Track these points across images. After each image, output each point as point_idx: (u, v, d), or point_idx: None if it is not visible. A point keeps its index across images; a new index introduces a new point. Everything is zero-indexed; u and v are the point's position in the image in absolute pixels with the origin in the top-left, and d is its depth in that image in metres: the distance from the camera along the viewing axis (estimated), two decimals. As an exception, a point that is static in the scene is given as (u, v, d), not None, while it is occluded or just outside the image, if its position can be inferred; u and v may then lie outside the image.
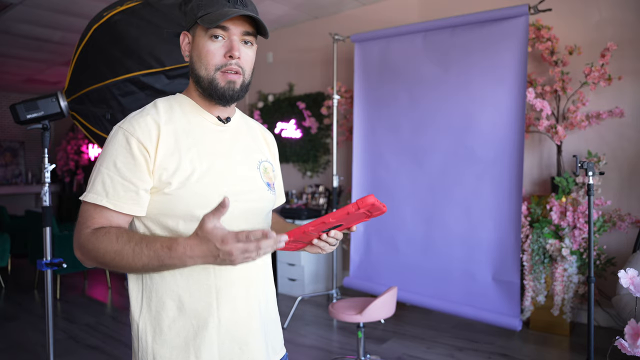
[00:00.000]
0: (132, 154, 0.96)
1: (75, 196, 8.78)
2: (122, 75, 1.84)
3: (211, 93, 1.04)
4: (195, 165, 1.00)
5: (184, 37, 1.07)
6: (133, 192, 0.97)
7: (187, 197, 0.98)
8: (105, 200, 0.96)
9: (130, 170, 0.96)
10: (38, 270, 4.21)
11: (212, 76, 1.02)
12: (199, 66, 1.03)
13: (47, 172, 2.05)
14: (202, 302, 1.01)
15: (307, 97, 5.27)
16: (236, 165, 1.07)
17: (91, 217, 0.97)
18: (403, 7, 4.47)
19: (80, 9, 4.67)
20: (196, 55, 1.03)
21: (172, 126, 1.02)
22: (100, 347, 3.31)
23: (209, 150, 1.04)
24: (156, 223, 1.00)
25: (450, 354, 3.08)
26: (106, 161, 0.98)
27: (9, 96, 9.33)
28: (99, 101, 1.90)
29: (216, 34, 1.01)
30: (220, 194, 1.00)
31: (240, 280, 1.05)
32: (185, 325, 1.00)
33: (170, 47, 1.84)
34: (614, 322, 3.42)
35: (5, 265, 5.12)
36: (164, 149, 0.98)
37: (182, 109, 1.06)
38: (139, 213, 0.98)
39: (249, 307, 1.07)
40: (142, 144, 0.97)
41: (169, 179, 0.98)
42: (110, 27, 1.86)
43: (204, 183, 1.00)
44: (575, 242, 3.15)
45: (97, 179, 0.98)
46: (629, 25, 3.39)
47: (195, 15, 1.02)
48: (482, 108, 3.35)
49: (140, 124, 0.99)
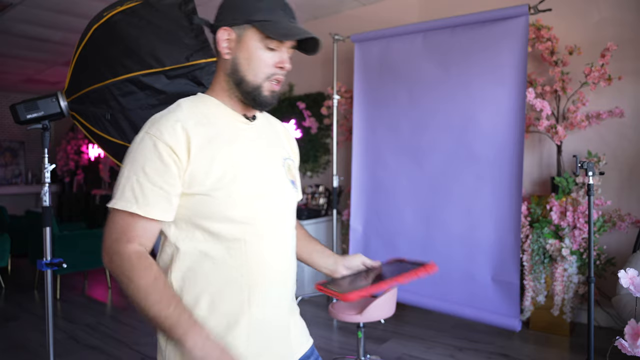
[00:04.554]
0: (162, 159, 0.95)
1: (75, 196, 8.78)
2: (122, 75, 1.84)
3: (253, 98, 1.03)
4: (226, 166, 0.99)
5: (224, 32, 1.02)
6: (163, 198, 0.96)
7: (220, 198, 0.98)
8: (135, 207, 0.95)
9: (160, 175, 0.95)
10: (38, 270, 4.21)
11: (259, 84, 1.02)
12: (247, 70, 1.02)
13: (47, 172, 2.05)
14: (235, 301, 1.01)
15: (307, 97, 5.27)
16: (264, 164, 1.07)
17: (128, 227, 0.96)
18: (403, 7, 4.47)
19: (80, 9, 4.67)
20: (245, 58, 1.01)
21: (201, 128, 1.00)
22: (100, 347, 3.31)
23: (238, 150, 1.03)
24: (190, 224, 1.00)
25: (450, 354, 3.08)
26: (135, 167, 0.96)
27: (9, 96, 9.34)
28: (99, 101, 1.90)
29: (274, 46, 1.00)
30: (252, 194, 1.01)
31: (272, 280, 1.06)
32: (215, 324, 1.00)
33: (170, 47, 1.84)
34: (614, 322, 3.41)
35: (5, 265, 5.12)
36: (194, 152, 0.97)
37: (208, 109, 1.05)
38: (169, 219, 0.98)
39: (279, 305, 1.08)
40: (171, 148, 0.95)
41: (201, 181, 0.97)
42: (110, 27, 1.86)
43: (236, 184, 0.99)
44: (575, 242, 3.15)
45: (126, 186, 0.96)
46: (629, 25, 3.39)
47: (250, 16, 0.99)
48: (482, 108, 3.35)
49: (167, 128, 0.97)
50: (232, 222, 0.99)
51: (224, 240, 1.00)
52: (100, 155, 8.41)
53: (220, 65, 1.06)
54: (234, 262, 1.01)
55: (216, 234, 0.99)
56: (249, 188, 1.01)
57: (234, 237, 1.00)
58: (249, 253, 1.01)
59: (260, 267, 1.03)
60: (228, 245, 1.00)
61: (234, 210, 0.98)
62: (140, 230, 0.96)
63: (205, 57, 1.88)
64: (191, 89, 1.91)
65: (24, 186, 9.32)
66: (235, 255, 1.00)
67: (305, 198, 5.10)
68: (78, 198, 8.68)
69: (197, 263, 1.00)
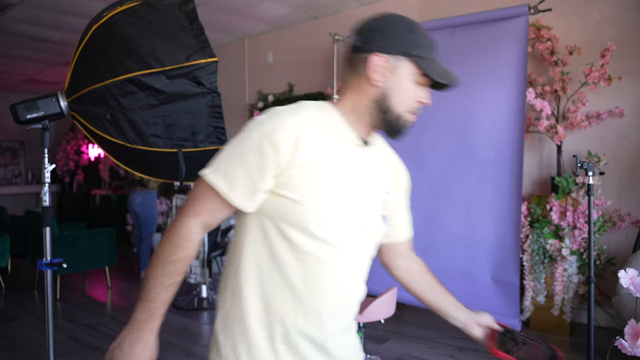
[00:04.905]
0: (262, 155, 0.94)
1: (75, 196, 8.78)
2: (122, 75, 1.84)
3: (394, 127, 1.04)
4: (324, 182, 0.98)
5: (379, 58, 0.99)
6: (249, 189, 0.96)
7: (307, 210, 0.97)
8: (222, 184, 0.96)
9: (256, 168, 0.95)
10: (38, 270, 4.21)
11: (402, 115, 1.03)
12: (395, 101, 1.01)
13: (47, 172, 2.04)
14: (288, 310, 1.00)
15: (307, 97, 5.27)
16: (361, 191, 1.05)
17: (204, 199, 0.99)
18: (403, 7, 4.47)
19: (80, 9, 4.67)
20: (396, 88, 1.01)
21: (313, 137, 0.98)
22: (100, 347, 3.31)
23: (342, 170, 1.01)
24: (271, 223, 0.99)
25: (450, 354, 3.08)
26: (237, 151, 0.97)
27: (9, 96, 9.34)
28: (99, 101, 1.90)
29: (422, 82, 1.02)
30: (339, 216, 1.00)
31: (334, 302, 1.04)
32: (268, 325, 1.01)
33: (170, 47, 1.84)
34: (614, 322, 3.41)
35: (5, 265, 5.12)
36: (298, 158, 0.96)
37: (328, 122, 1.03)
38: (249, 210, 0.99)
39: (330, 328, 1.06)
40: (276, 147, 0.94)
41: (295, 188, 0.96)
42: (110, 27, 1.86)
43: (327, 202, 0.98)
44: (575, 242, 3.15)
45: (222, 164, 0.98)
46: (629, 25, 3.39)
47: (408, 49, 0.99)
48: (482, 108, 3.35)
49: (281, 127, 0.96)
50: (312, 236, 0.98)
51: (299, 250, 0.99)
52: (100, 155, 8.41)
53: (363, 88, 1.03)
54: (301, 273, 1.00)
55: (293, 241, 0.99)
56: (339, 210, 1.00)
57: (309, 251, 0.99)
58: (319, 271, 1.01)
59: (326, 288, 1.02)
60: (301, 257, 1.00)
61: (317, 227, 0.98)
62: (212, 208, 0.99)
63: (205, 57, 1.88)
64: (191, 89, 1.91)
65: (24, 186, 9.32)
66: (304, 267, 1.00)
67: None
68: (78, 198, 8.68)
69: (267, 261, 1.01)
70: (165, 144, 1.97)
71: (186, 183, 2.11)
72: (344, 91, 1.07)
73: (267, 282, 1.01)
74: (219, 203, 0.98)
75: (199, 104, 1.95)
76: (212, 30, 5.41)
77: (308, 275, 1.00)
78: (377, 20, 1.03)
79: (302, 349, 1.02)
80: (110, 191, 7.92)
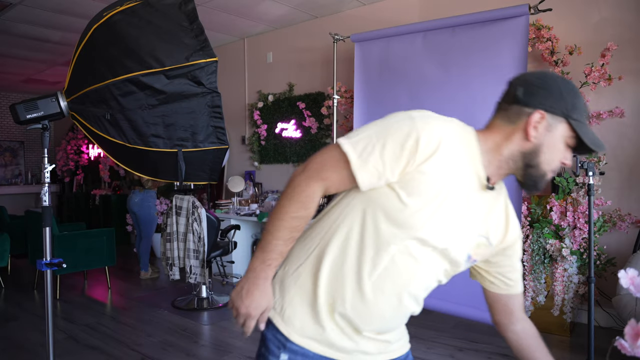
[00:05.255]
0: (403, 148, 0.97)
1: (75, 196, 8.78)
2: (122, 75, 1.84)
3: (534, 183, 1.04)
4: (436, 199, 1.00)
5: (539, 116, 1.00)
6: (377, 173, 0.99)
7: (408, 213, 1.00)
8: (354, 157, 0.98)
9: (391, 156, 0.97)
10: (38, 270, 4.21)
11: (547, 173, 1.04)
12: (545, 158, 1.02)
13: (47, 172, 2.04)
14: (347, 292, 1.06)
15: (307, 97, 5.27)
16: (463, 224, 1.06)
17: (333, 166, 1.02)
18: (403, 7, 4.47)
19: (80, 9, 4.67)
20: (548, 147, 1.01)
21: (450, 153, 0.99)
22: (100, 347, 3.30)
23: (457, 200, 1.03)
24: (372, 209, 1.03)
25: (450, 354, 3.08)
26: (383, 134, 0.99)
27: (9, 96, 9.34)
28: (98, 101, 1.90)
29: (571, 144, 1.02)
30: (432, 235, 1.02)
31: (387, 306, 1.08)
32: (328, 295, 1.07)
33: (170, 47, 1.84)
34: (614, 322, 3.41)
35: (5, 265, 5.12)
36: (428, 165, 0.97)
37: (468, 147, 1.04)
38: (363, 189, 1.01)
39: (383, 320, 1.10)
40: (418, 146, 0.96)
41: (409, 190, 0.99)
42: (110, 27, 1.86)
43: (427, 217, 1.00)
44: (576, 242, 3.15)
45: (363, 140, 1.00)
46: (629, 25, 3.39)
47: (570, 112, 1.00)
48: (483, 108, 3.34)
49: (430, 130, 0.98)
50: (399, 238, 1.02)
51: (383, 242, 1.03)
52: (100, 155, 8.41)
53: (515, 138, 1.04)
54: (373, 268, 1.04)
55: (381, 232, 1.02)
56: (434, 231, 1.03)
57: (389, 248, 1.03)
58: (390, 273, 1.04)
59: (388, 291, 1.06)
60: (380, 252, 1.03)
61: (408, 231, 1.01)
62: (338, 177, 1.02)
63: (205, 57, 1.88)
64: (191, 89, 1.91)
65: (24, 186, 9.32)
66: (379, 263, 1.04)
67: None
68: (78, 198, 8.68)
69: (353, 238, 1.05)
70: (165, 144, 1.98)
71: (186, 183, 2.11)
72: (490, 130, 1.07)
73: (344, 260, 1.06)
74: (347, 175, 1.01)
75: (199, 104, 1.95)
76: (212, 30, 5.42)
77: (378, 272, 1.04)
78: (545, 79, 1.03)
79: (342, 326, 1.09)
80: (110, 191, 7.92)
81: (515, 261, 1.21)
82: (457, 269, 1.14)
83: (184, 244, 4.01)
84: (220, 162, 2.19)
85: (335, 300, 1.07)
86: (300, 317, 1.09)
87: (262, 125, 5.71)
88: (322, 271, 1.07)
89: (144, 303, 4.36)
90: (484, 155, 1.05)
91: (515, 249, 1.20)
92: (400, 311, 1.11)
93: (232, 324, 3.77)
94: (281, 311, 1.11)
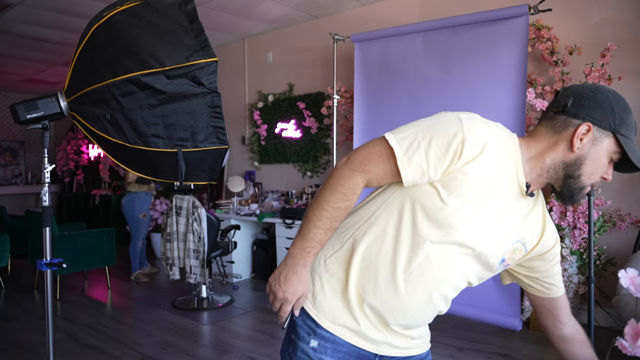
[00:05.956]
0: (449, 147, 0.98)
1: (75, 196, 8.78)
2: (122, 75, 1.84)
3: (571, 195, 1.04)
4: (477, 205, 1.01)
5: (586, 128, 1.00)
6: (421, 170, 1.00)
7: (444, 214, 1.01)
8: (400, 153, 1.00)
9: (436, 155, 0.98)
10: (38, 270, 4.21)
11: (587, 186, 1.03)
12: (587, 171, 1.02)
13: (47, 172, 2.04)
14: (380, 285, 1.07)
15: (307, 97, 5.27)
16: (500, 228, 1.07)
17: (377, 160, 1.03)
18: (403, 7, 4.47)
19: (80, 9, 4.67)
20: (592, 160, 1.01)
21: (494, 157, 1.00)
22: (100, 347, 3.31)
23: (497, 203, 1.03)
24: (411, 204, 1.05)
25: (450, 354, 3.08)
26: (430, 132, 1.00)
27: (9, 96, 9.34)
28: (99, 101, 1.90)
29: (614, 159, 1.02)
30: (468, 237, 1.03)
31: (413, 305, 1.09)
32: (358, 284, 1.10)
33: (170, 47, 1.84)
34: (614, 322, 3.41)
35: (5, 265, 5.12)
36: (469, 167, 0.98)
37: (510, 152, 1.03)
38: (407, 185, 1.03)
39: (411, 317, 1.12)
40: (464, 146, 0.97)
41: (450, 189, 1.00)
42: (110, 27, 1.86)
43: (464, 218, 1.02)
44: (576, 242, 3.15)
45: (410, 136, 1.01)
46: (629, 25, 3.39)
47: (618, 127, 0.99)
48: (483, 108, 3.35)
49: (476, 132, 0.98)
50: (436, 237, 1.03)
51: (420, 238, 1.04)
52: (100, 155, 8.41)
53: (558, 148, 1.04)
54: (407, 259, 1.05)
55: (418, 229, 1.04)
56: (470, 232, 1.03)
57: (426, 245, 1.04)
58: (424, 270, 1.05)
59: (420, 289, 1.07)
60: (416, 248, 1.05)
61: (446, 230, 1.02)
62: (381, 171, 1.03)
63: (205, 57, 1.88)
64: (191, 89, 1.91)
65: (24, 186, 9.32)
66: (413, 259, 1.05)
67: (306, 198, 5.10)
68: (78, 198, 8.68)
69: (390, 231, 1.07)
70: (165, 144, 1.98)
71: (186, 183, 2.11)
72: (533, 138, 1.07)
73: (378, 252, 1.07)
74: (390, 169, 1.02)
75: (199, 104, 1.95)
76: (212, 30, 5.42)
77: (413, 267, 1.05)
78: (597, 92, 1.02)
79: (370, 317, 1.11)
80: (110, 191, 7.92)
81: (554, 266, 1.21)
82: (490, 273, 1.15)
83: (184, 244, 4.01)
84: (220, 162, 2.19)
85: (365, 290, 1.08)
86: (331, 304, 1.11)
87: (262, 125, 5.71)
88: (354, 261, 1.09)
89: (144, 303, 4.36)
90: (526, 162, 1.05)
91: (553, 253, 1.20)
92: (428, 309, 1.12)
93: (232, 323, 3.78)
94: (312, 297, 1.13)
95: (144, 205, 5.23)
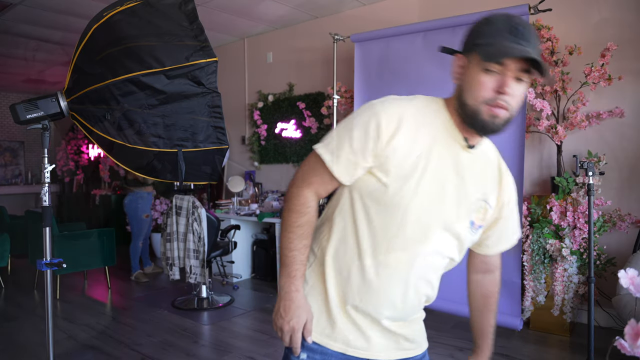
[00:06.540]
0: (367, 133, 1.03)
1: (75, 196, 8.78)
2: (122, 75, 1.84)
3: (472, 122, 1.03)
4: (417, 175, 1.03)
5: (457, 59, 1.05)
6: (351, 164, 1.05)
7: (390, 194, 1.03)
8: (329, 158, 1.06)
9: (360, 143, 1.03)
10: (38, 270, 4.21)
11: (477, 108, 1.00)
12: (467, 94, 1.01)
13: (47, 172, 2.05)
14: (354, 284, 1.10)
15: (307, 97, 5.27)
16: (453, 193, 1.07)
17: (314, 171, 1.09)
18: (403, 7, 4.47)
19: (80, 9, 4.67)
20: (466, 82, 1.02)
21: (414, 126, 1.04)
22: (100, 347, 3.31)
23: (439, 168, 1.05)
24: (361, 198, 1.08)
25: (450, 354, 3.08)
26: (347, 128, 1.06)
27: (9, 96, 9.34)
28: (99, 101, 1.90)
29: (491, 68, 0.97)
30: (421, 211, 1.04)
31: (389, 300, 1.11)
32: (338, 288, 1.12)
33: (170, 47, 1.84)
34: (614, 322, 3.41)
35: (5, 265, 5.12)
36: (395, 142, 1.02)
37: (435, 116, 1.07)
38: (346, 183, 1.08)
39: (394, 309, 1.12)
40: (379, 128, 1.02)
41: (385, 169, 1.03)
42: (110, 27, 1.87)
43: (410, 194, 1.03)
44: (576, 242, 3.15)
45: (333, 139, 1.08)
46: (629, 25, 3.39)
47: (474, 42, 1.00)
48: (482, 108, 3.35)
49: (388, 111, 1.04)
50: (388, 220, 1.05)
51: (377, 228, 1.06)
52: (100, 155, 8.41)
53: (455, 89, 1.08)
54: (372, 251, 1.07)
55: (372, 219, 1.06)
56: (423, 206, 1.04)
57: (385, 233, 1.06)
58: (390, 253, 1.07)
59: (394, 282, 1.08)
60: (377, 235, 1.07)
61: (393, 213, 1.04)
62: (321, 180, 1.09)
63: (205, 57, 1.88)
64: (191, 89, 1.91)
65: (24, 186, 9.32)
66: (374, 248, 1.07)
67: (305, 198, 5.10)
68: (78, 198, 8.68)
69: (349, 233, 1.10)
70: (165, 144, 1.98)
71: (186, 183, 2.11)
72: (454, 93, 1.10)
73: (344, 253, 1.10)
74: (328, 175, 1.08)
75: (199, 104, 1.96)
76: (212, 30, 5.42)
77: (379, 258, 1.07)
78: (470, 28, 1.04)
79: (357, 319, 1.12)
80: (110, 191, 7.92)
81: (506, 221, 1.22)
82: (465, 241, 1.14)
83: (184, 244, 4.01)
84: (220, 162, 2.19)
85: (345, 293, 1.10)
86: (316, 315, 1.13)
87: (262, 125, 5.71)
88: (327, 268, 1.12)
89: (144, 303, 4.36)
90: (454, 117, 1.07)
91: (511, 207, 1.20)
92: (412, 295, 1.11)
93: (232, 323, 3.78)
94: None
95: (146, 205, 5.25)
